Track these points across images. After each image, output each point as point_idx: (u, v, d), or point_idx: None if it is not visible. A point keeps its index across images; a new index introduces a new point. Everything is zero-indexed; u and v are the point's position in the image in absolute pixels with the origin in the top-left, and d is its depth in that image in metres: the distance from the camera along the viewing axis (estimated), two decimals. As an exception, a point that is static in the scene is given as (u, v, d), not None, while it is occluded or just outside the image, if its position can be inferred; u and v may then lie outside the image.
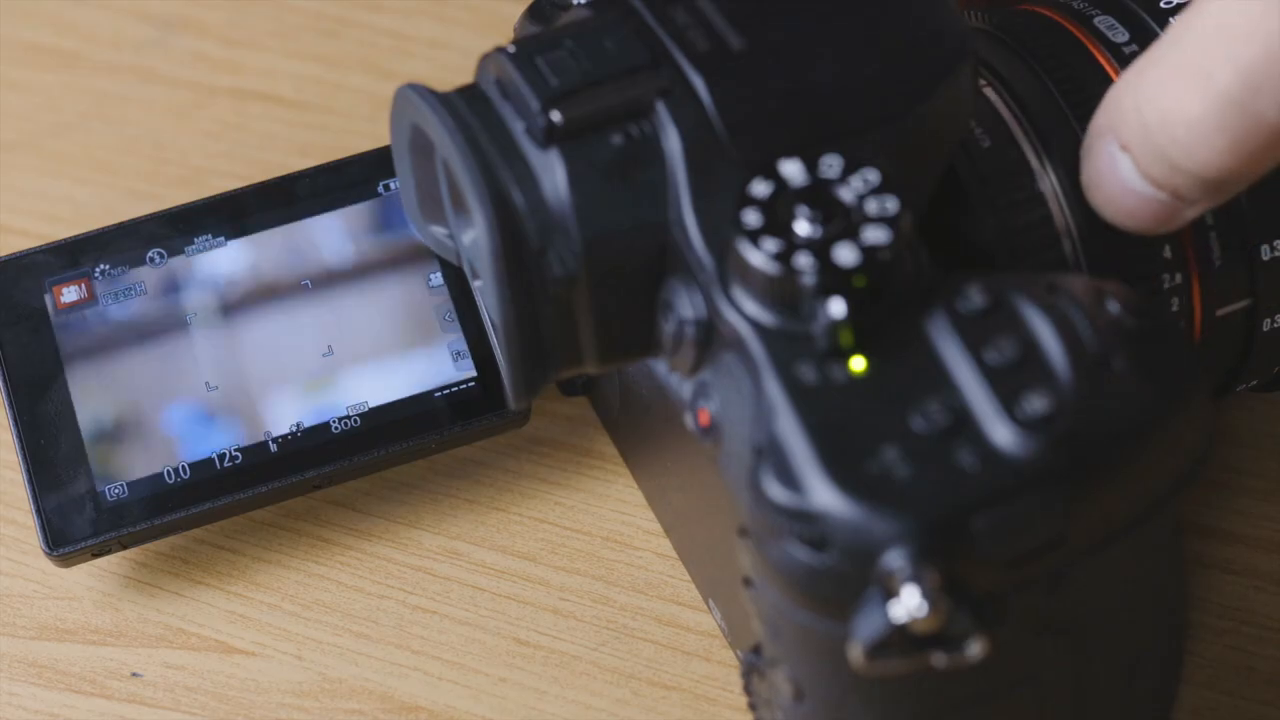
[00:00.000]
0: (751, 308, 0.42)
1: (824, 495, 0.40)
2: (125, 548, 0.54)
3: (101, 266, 0.56)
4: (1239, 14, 0.42)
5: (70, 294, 0.56)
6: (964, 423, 0.41)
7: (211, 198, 0.57)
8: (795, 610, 0.42)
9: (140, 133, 0.65)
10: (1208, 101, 0.42)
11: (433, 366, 0.55)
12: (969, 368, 0.41)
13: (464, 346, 0.55)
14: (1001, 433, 0.41)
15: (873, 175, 0.43)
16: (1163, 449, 0.42)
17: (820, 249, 0.42)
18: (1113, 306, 0.43)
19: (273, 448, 0.54)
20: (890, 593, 0.40)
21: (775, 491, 0.41)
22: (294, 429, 0.54)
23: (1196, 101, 0.42)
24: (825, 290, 0.42)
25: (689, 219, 0.44)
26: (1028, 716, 0.45)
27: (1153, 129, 0.43)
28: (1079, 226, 0.48)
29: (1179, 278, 0.49)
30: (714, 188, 0.44)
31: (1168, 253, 0.49)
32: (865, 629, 0.40)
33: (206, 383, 0.55)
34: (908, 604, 0.40)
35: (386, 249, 0.56)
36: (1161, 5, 0.50)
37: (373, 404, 0.55)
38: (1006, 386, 0.41)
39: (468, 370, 0.55)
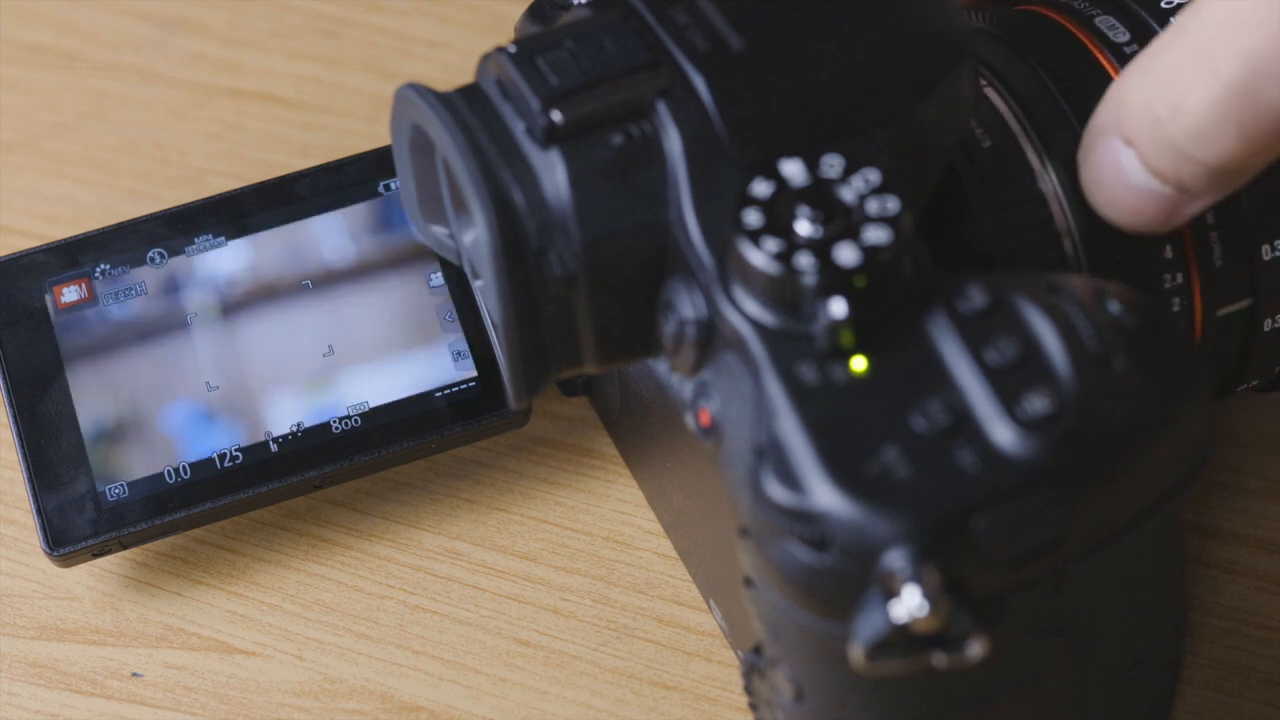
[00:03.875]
0: (752, 308, 0.42)
1: (825, 495, 0.40)
2: (125, 548, 0.54)
3: (101, 266, 0.56)
4: (1244, 4, 0.42)
5: (70, 294, 0.56)
6: (965, 423, 0.41)
7: (211, 198, 0.57)
8: (796, 610, 0.42)
9: (140, 133, 0.65)
10: (1216, 90, 0.42)
11: (433, 366, 0.55)
12: (969, 368, 0.41)
13: (464, 346, 0.55)
14: (1002, 433, 0.41)
15: (873, 175, 0.43)
16: (1163, 449, 0.42)
17: (821, 249, 0.42)
18: (1113, 306, 0.43)
19: (273, 448, 0.54)
20: (891, 593, 0.40)
21: (776, 491, 0.41)
22: (294, 429, 0.54)
23: (1205, 90, 0.42)
24: (826, 290, 0.42)
25: (689, 219, 0.44)
26: (1028, 716, 0.45)
27: (1163, 120, 0.43)
28: (1079, 226, 0.48)
29: (1180, 278, 0.49)
30: (715, 188, 0.44)
31: (1169, 253, 0.49)
32: (866, 629, 0.40)
33: (207, 383, 0.55)
34: (908, 604, 0.39)
35: (387, 249, 0.56)
36: (1162, 5, 0.50)
37: (373, 404, 0.55)
38: (1007, 386, 0.41)
39: (468, 370, 0.55)
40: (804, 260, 0.42)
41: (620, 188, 0.44)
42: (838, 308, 0.41)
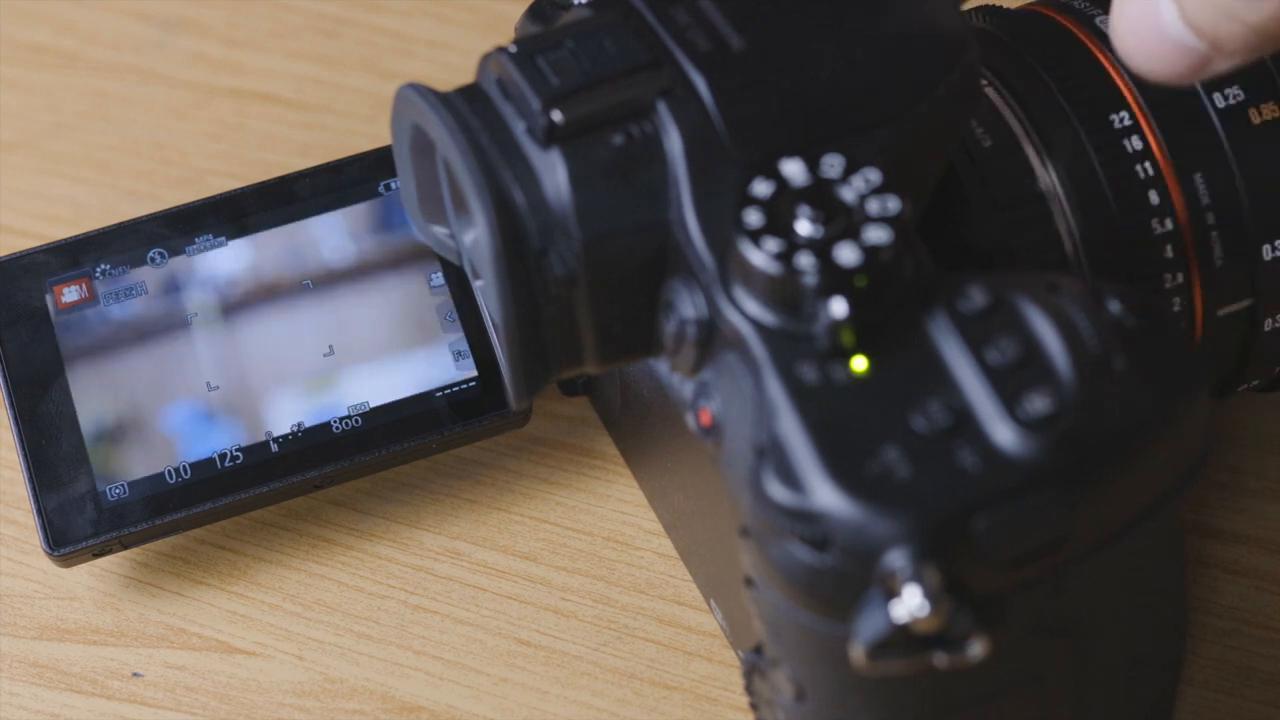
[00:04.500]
0: (753, 307, 0.42)
1: (825, 495, 0.40)
2: (126, 548, 0.54)
3: (102, 266, 0.56)
4: None
5: (71, 294, 0.56)
6: (965, 423, 0.41)
7: (211, 198, 0.57)
8: (796, 610, 0.42)
9: (140, 133, 0.65)
10: None
11: (434, 366, 0.55)
12: (970, 367, 0.41)
13: (465, 346, 0.55)
14: (1003, 433, 0.41)
15: (874, 175, 0.43)
16: (1164, 449, 0.42)
17: (821, 249, 0.42)
18: (1114, 306, 0.43)
19: (274, 448, 0.54)
20: (892, 593, 0.40)
21: (776, 491, 0.41)
22: (295, 429, 0.54)
23: None
24: (826, 290, 0.42)
25: (690, 219, 0.44)
26: (1028, 716, 0.45)
27: None
28: (1080, 226, 0.48)
29: (1180, 277, 0.49)
30: (715, 187, 0.44)
31: (1169, 252, 0.49)
32: (867, 629, 0.40)
33: (207, 383, 0.55)
34: (909, 604, 0.40)
35: (387, 249, 0.56)
36: (1163, 5, 0.50)
37: (374, 404, 0.55)
38: (1008, 386, 0.41)
39: (469, 370, 0.55)
40: (804, 260, 0.42)
41: (621, 188, 0.44)
42: (838, 307, 0.41)
